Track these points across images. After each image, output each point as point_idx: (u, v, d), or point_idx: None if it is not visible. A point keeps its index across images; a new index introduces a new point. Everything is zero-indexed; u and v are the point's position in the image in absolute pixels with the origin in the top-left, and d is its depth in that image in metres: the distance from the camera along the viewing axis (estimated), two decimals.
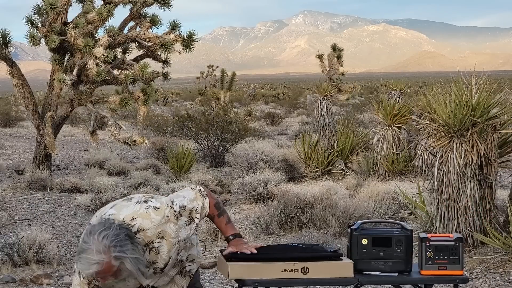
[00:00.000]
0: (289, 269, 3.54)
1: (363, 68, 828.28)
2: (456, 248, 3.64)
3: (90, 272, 3.29)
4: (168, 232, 3.48)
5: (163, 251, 3.48)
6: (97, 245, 3.28)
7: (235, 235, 3.67)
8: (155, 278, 3.58)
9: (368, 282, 3.67)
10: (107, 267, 3.28)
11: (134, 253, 3.32)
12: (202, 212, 3.60)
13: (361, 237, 3.68)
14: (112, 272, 3.31)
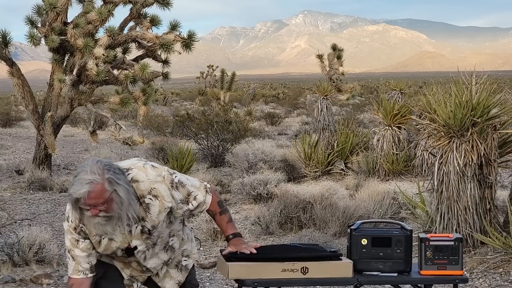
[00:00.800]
0: (289, 269, 3.54)
1: (363, 68, 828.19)
2: (456, 248, 3.64)
3: (82, 192, 3.27)
4: (162, 192, 3.49)
5: (154, 211, 3.49)
6: (92, 166, 3.31)
7: (235, 234, 3.68)
8: (142, 244, 3.56)
9: (367, 282, 3.67)
10: (100, 189, 3.29)
11: (127, 185, 3.35)
12: (201, 204, 3.63)
13: (360, 237, 3.68)
14: (104, 199, 3.31)
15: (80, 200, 3.33)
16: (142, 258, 3.64)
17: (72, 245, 3.54)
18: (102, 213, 3.37)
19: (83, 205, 3.35)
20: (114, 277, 3.67)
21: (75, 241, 3.53)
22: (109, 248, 3.55)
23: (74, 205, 3.39)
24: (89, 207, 3.34)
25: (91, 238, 3.53)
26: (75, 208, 3.41)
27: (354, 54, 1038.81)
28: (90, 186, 3.29)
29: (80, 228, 3.51)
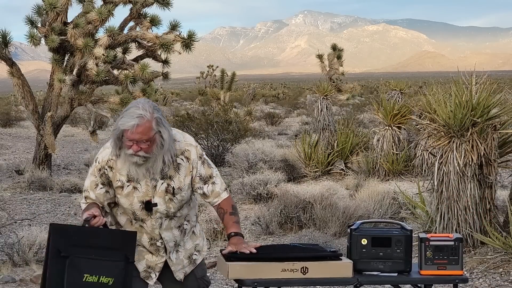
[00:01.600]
0: (289, 269, 3.54)
1: (363, 68, 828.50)
2: (456, 248, 3.64)
3: (130, 124, 3.47)
4: (192, 156, 3.73)
5: (182, 172, 3.70)
6: (144, 104, 3.54)
7: (237, 233, 3.71)
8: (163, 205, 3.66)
9: (367, 282, 3.67)
10: (148, 126, 3.49)
11: (170, 130, 3.59)
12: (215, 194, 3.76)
13: (360, 237, 3.68)
14: (148, 137, 3.50)
15: (126, 133, 3.51)
16: (159, 223, 3.72)
17: (90, 187, 3.73)
18: (142, 153, 3.53)
19: (127, 139, 3.52)
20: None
21: (95, 185, 3.72)
22: (130, 197, 3.66)
23: (117, 140, 3.57)
24: (132, 142, 3.51)
25: (114, 183, 3.68)
26: (116, 144, 3.57)
27: (354, 54, 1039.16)
28: (140, 120, 3.48)
29: (104, 171, 3.68)
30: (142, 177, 3.64)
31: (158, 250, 3.79)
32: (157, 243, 3.77)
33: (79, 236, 3.46)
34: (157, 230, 3.74)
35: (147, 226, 3.74)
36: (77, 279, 3.39)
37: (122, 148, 3.59)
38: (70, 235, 3.46)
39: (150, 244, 3.77)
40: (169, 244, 3.79)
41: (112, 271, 3.45)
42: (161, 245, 3.77)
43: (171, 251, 3.80)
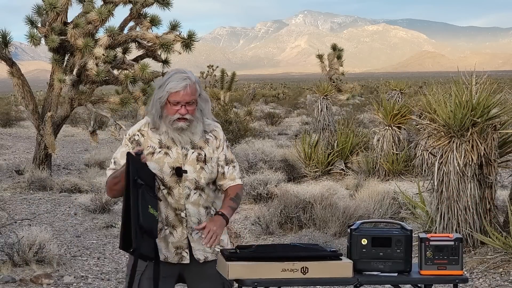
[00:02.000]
0: (289, 269, 3.54)
1: (363, 68, 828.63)
2: (456, 248, 3.64)
3: (182, 85, 3.67)
4: (220, 136, 3.90)
5: (211, 146, 3.85)
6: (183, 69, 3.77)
7: (222, 214, 3.76)
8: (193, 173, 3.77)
9: (367, 282, 3.67)
10: (194, 88, 3.71)
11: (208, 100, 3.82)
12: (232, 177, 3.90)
13: (360, 237, 3.68)
14: (194, 98, 3.70)
15: (175, 96, 3.67)
16: (186, 193, 3.77)
17: (121, 156, 3.77)
18: (189, 115, 3.70)
19: (173, 103, 3.68)
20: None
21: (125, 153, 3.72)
22: (160, 162, 3.75)
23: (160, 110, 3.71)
24: (180, 105, 3.68)
25: (145, 149, 3.75)
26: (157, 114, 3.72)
27: (354, 54, 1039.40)
28: (189, 81, 3.70)
29: (135, 137, 3.80)
30: (185, 144, 3.78)
31: (181, 222, 3.79)
32: (181, 213, 3.79)
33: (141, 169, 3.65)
34: (183, 200, 3.78)
35: (174, 194, 3.77)
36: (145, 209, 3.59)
37: (163, 118, 3.73)
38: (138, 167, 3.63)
39: (175, 215, 3.79)
40: (191, 219, 3.80)
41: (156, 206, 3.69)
42: (185, 216, 3.79)
43: (193, 229, 3.81)
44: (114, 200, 10.54)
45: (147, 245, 3.62)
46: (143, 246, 3.58)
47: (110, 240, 8.82)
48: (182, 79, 3.70)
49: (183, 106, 3.70)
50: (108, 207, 10.36)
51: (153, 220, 3.64)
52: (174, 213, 3.80)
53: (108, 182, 3.79)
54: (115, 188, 3.73)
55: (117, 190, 3.73)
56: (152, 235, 3.65)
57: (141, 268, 3.75)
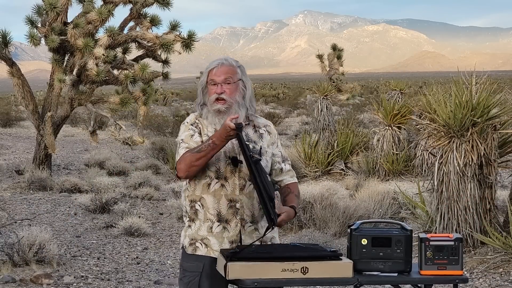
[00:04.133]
0: (289, 269, 3.54)
1: (363, 68, 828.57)
2: (456, 248, 3.64)
3: (216, 62, 3.78)
4: (273, 131, 3.96)
5: (265, 140, 3.86)
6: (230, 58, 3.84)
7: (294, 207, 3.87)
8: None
9: (367, 282, 3.66)
10: (232, 67, 3.76)
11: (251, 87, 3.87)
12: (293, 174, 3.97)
13: (360, 237, 3.68)
14: (232, 75, 3.74)
15: (211, 75, 3.74)
16: (242, 184, 3.76)
17: (186, 139, 3.81)
18: (225, 95, 3.71)
19: (211, 83, 3.74)
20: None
21: (190, 136, 3.81)
22: None
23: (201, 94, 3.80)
24: (216, 85, 3.72)
25: (203, 136, 3.79)
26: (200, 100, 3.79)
27: (354, 54, 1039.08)
28: (225, 61, 3.77)
29: (197, 124, 3.83)
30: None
31: (236, 214, 3.77)
32: (236, 204, 3.78)
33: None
34: (238, 191, 3.76)
35: (228, 185, 3.76)
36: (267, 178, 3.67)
37: (206, 105, 3.78)
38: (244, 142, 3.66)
39: (228, 207, 3.77)
40: (245, 211, 3.79)
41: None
42: (239, 207, 3.78)
43: (246, 221, 3.80)
44: (114, 200, 10.53)
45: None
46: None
47: (110, 240, 8.83)
48: (219, 59, 3.81)
49: (219, 84, 3.72)
50: (108, 207, 10.36)
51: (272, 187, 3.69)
52: (228, 205, 3.77)
53: (185, 159, 3.71)
54: (197, 163, 3.70)
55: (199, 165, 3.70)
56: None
57: (199, 268, 3.75)
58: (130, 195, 11.88)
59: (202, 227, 3.81)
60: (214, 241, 3.77)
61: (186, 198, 3.93)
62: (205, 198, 3.81)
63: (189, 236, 3.85)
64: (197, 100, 3.87)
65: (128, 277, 7.22)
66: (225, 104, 3.73)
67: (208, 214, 3.79)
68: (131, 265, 7.70)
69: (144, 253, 8.27)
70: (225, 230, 3.79)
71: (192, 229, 3.85)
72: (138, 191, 12.01)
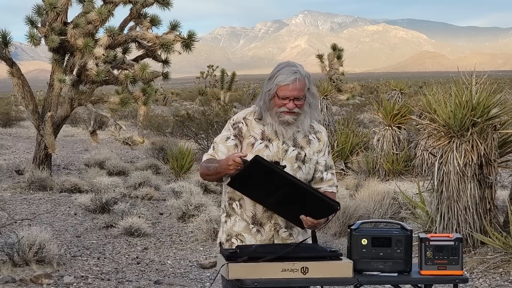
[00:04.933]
0: (289, 269, 3.54)
1: (363, 68, 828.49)
2: (456, 248, 3.64)
3: (291, 78, 3.62)
4: (324, 138, 3.90)
5: (312, 147, 3.84)
6: (294, 63, 3.73)
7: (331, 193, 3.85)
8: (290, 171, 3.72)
9: (367, 282, 3.66)
10: (304, 82, 3.66)
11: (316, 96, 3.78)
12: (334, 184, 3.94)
13: (360, 237, 3.68)
14: (303, 93, 3.66)
15: (283, 90, 3.63)
16: None
17: (220, 140, 3.79)
18: (297, 109, 3.67)
19: (282, 97, 3.64)
20: None
21: (226, 138, 3.78)
22: (260, 154, 3.69)
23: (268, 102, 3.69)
24: (288, 100, 3.64)
25: (246, 139, 3.76)
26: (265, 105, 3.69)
27: (354, 54, 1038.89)
28: (297, 75, 3.64)
29: (238, 125, 3.79)
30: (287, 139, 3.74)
31: (271, 218, 3.78)
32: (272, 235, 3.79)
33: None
34: None
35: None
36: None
37: (270, 110, 3.70)
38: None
39: (264, 211, 3.77)
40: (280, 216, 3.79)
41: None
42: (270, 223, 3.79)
43: (280, 226, 3.79)
44: (114, 200, 10.53)
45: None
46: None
47: (110, 240, 8.83)
48: (292, 72, 3.65)
49: (291, 101, 3.66)
50: (108, 207, 10.35)
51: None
52: (263, 209, 3.78)
53: (202, 168, 3.78)
54: (208, 178, 3.79)
55: (211, 180, 3.81)
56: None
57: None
58: (130, 195, 11.88)
59: (238, 223, 3.83)
60: (249, 238, 3.79)
61: (226, 193, 3.91)
62: (244, 199, 3.82)
63: (226, 231, 3.88)
64: (258, 100, 3.79)
65: (128, 277, 7.22)
66: (294, 116, 3.70)
67: (244, 215, 3.81)
68: (131, 265, 7.70)
69: (144, 253, 8.27)
70: (259, 233, 3.81)
71: (228, 224, 3.87)
72: (138, 191, 12.00)
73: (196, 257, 8.09)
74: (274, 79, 3.67)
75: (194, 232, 9.14)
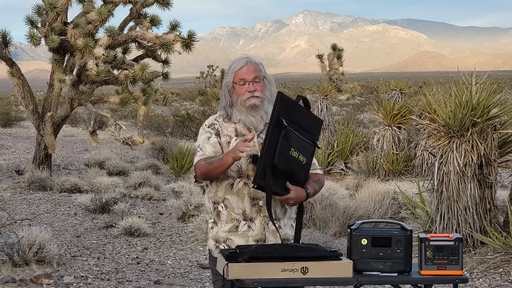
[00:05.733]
0: (289, 269, 3.54)
1: (363, 68, 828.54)
2: (456, 248, 3.64)
3: (241, 62, 3.81)
4: None
5: None
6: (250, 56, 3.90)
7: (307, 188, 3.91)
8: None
9: (367, 282, 3.66)
10: (257, 67, 3.82)
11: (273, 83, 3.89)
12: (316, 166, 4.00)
13: (360, 237, 3.68)
14: (260, 74, 3.81)
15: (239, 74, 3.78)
16: None
17: (203, 142, 3.86)
18: (258, 92, 3.78)
19: (240, 82, 3.78)
20: None
21: (207, 138, 3.86)
22: None
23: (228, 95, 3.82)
24: (247, 84, 3.77)
25: (222, 137, 3.85)
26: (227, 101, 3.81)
27: (354, 54, 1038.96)
28: (248, 60, 3.82)
29: (213, 126, 3.88)
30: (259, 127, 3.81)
31: (260, 212, 3.82)
32: (259, 202, 3.82)
33: (294, 111, 3.73)
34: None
35: (250, 183, 3.77)
36: (286, 151, 3.66)
37: (235, 104, 3.81)
38: (289, 108, 3.71)
39: (251, 205, 3.81)
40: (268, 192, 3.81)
41: (307, 152, 3.77)
42: (262, 205, 3.81)
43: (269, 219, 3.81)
44: (114, 200, 10.53)
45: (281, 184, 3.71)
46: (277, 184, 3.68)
47: (110, 240, 8.83)
48: (243, 58, 3.84)
49: (250, 83, 3.78)
50: (108, 207, 10.35)
51: (294, 163, 3.70)
52: (251, 204, 3.81)
53: (200, 167, 3.79)
54: (212, 174, 3.78)
55: (214, 176, 3.79)
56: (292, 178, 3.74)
57: None
58: (130, 195, 11.88)
59: (223, 228, 3.87)
60: (238, 240, 3.81)
61: (209, 200, 3.95)
62: (228, 198, 3.85)
63: (212, 238, 3.95)
64: (221, 102, 3.89)
65: (128, 277, 7.22)
66: (258, 99, 3.80)
67: (233, 214, 3.83)
68: (131, 265, 7.70)
69: (144, 253, 8.27)
70: (250, 228, 3.83)
71: (214, 230, 3.94)
72: (138, 191, 12.00)
73: (196, 257, 8.09)
74: (229, 71, 3.86)
75: (194, 232, 9.14)
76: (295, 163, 3.71)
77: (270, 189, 3.68)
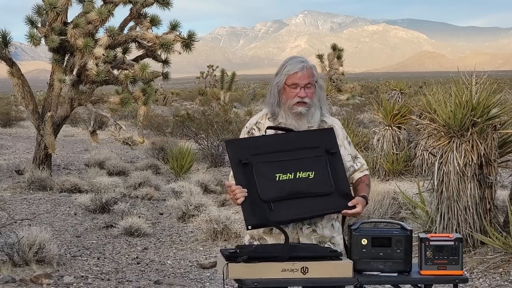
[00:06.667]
0: (289, 269, 3.54)
1: (363, 68, 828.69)
2: (456, 248, 3.64)
3: (297, 67, 3.74)
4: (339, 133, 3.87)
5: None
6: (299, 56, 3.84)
7: (365, 196, 3.82)
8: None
9: (367, 282, 3.67)
10: (310, 71, 3.76)
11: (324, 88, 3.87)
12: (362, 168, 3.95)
13: (360, 237, 3.68)
14: (312, 80, 3.75)
15: (293, 78, 3.72)
16: None
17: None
18: (307, 99, 3.73)
19: (292, 86, 3.73)
20: None
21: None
22: None
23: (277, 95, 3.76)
24: (299, 88, 3.72)
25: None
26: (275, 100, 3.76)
27: (354, 54, 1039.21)
28: (304, 65, 3.75)
29: (252, 131, 3.86)
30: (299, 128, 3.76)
31: None
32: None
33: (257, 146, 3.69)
34: None
35: None
36: (269, 181, 3.62)
37: (281, 105, 3.77)
38: (245, 147, 3.69)
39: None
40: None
41: (310, 167, 3.68)
42: None
43: (303, 222, 3.78)
44: (114, 200, 10.54)
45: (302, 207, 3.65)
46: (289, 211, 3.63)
47: (110, 240, 8.82)
48: (299, 61, 3.76)
49: (301, 88, 3.74)
50: (108, 207, 10.35)
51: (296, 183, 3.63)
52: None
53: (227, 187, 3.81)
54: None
55: None
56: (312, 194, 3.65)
57: None
58: (130, 195, 11.88)
59: None
60: (271, 240, 3.79)
61: None
62: None
63: (249, 233, 3.88)
64: (268, 99, 3.85)
65: (128, 277, 7.22)
66: (306, 107, 3.76)
67: None
68: (131, 265, 7.70)
69: (144, 253, 8.27)
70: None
71: None
72: (138, 191, 12.00)
73: (196, 257, 8.09)
74: (282, 71, 3.77)
75: (194, 232, 9.14)
76: (296, 183, 3.65)
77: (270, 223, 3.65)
